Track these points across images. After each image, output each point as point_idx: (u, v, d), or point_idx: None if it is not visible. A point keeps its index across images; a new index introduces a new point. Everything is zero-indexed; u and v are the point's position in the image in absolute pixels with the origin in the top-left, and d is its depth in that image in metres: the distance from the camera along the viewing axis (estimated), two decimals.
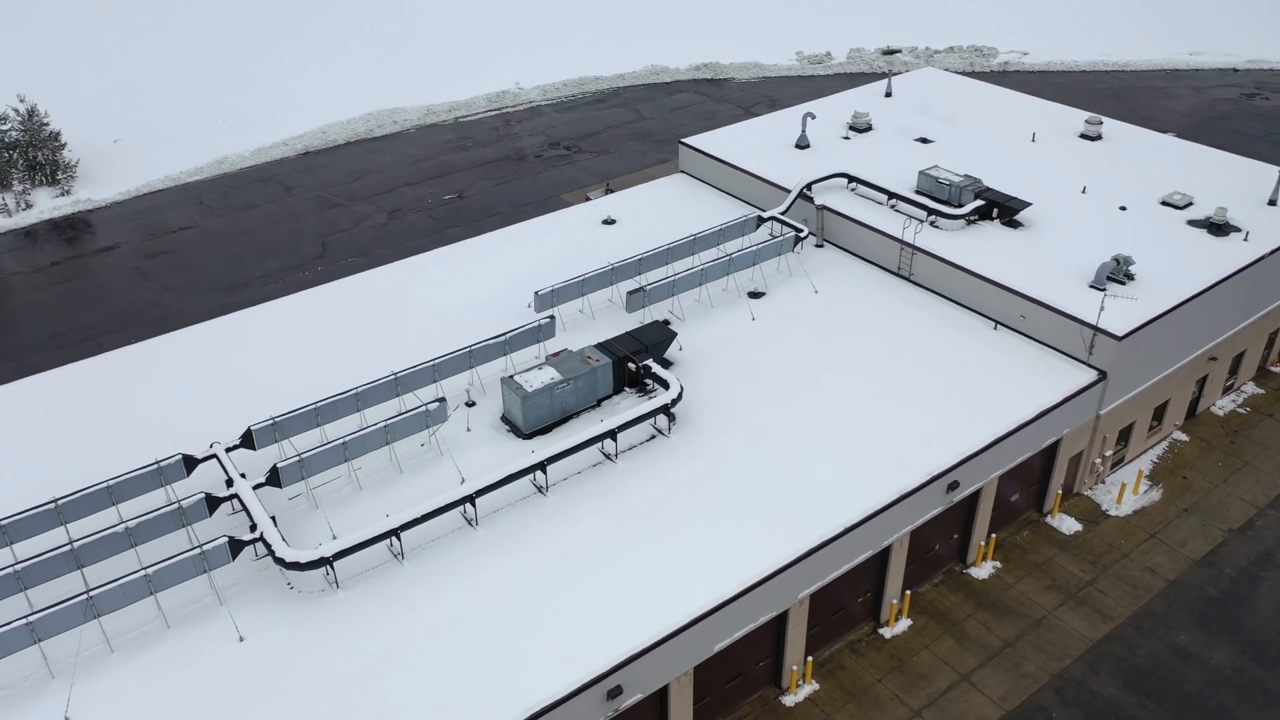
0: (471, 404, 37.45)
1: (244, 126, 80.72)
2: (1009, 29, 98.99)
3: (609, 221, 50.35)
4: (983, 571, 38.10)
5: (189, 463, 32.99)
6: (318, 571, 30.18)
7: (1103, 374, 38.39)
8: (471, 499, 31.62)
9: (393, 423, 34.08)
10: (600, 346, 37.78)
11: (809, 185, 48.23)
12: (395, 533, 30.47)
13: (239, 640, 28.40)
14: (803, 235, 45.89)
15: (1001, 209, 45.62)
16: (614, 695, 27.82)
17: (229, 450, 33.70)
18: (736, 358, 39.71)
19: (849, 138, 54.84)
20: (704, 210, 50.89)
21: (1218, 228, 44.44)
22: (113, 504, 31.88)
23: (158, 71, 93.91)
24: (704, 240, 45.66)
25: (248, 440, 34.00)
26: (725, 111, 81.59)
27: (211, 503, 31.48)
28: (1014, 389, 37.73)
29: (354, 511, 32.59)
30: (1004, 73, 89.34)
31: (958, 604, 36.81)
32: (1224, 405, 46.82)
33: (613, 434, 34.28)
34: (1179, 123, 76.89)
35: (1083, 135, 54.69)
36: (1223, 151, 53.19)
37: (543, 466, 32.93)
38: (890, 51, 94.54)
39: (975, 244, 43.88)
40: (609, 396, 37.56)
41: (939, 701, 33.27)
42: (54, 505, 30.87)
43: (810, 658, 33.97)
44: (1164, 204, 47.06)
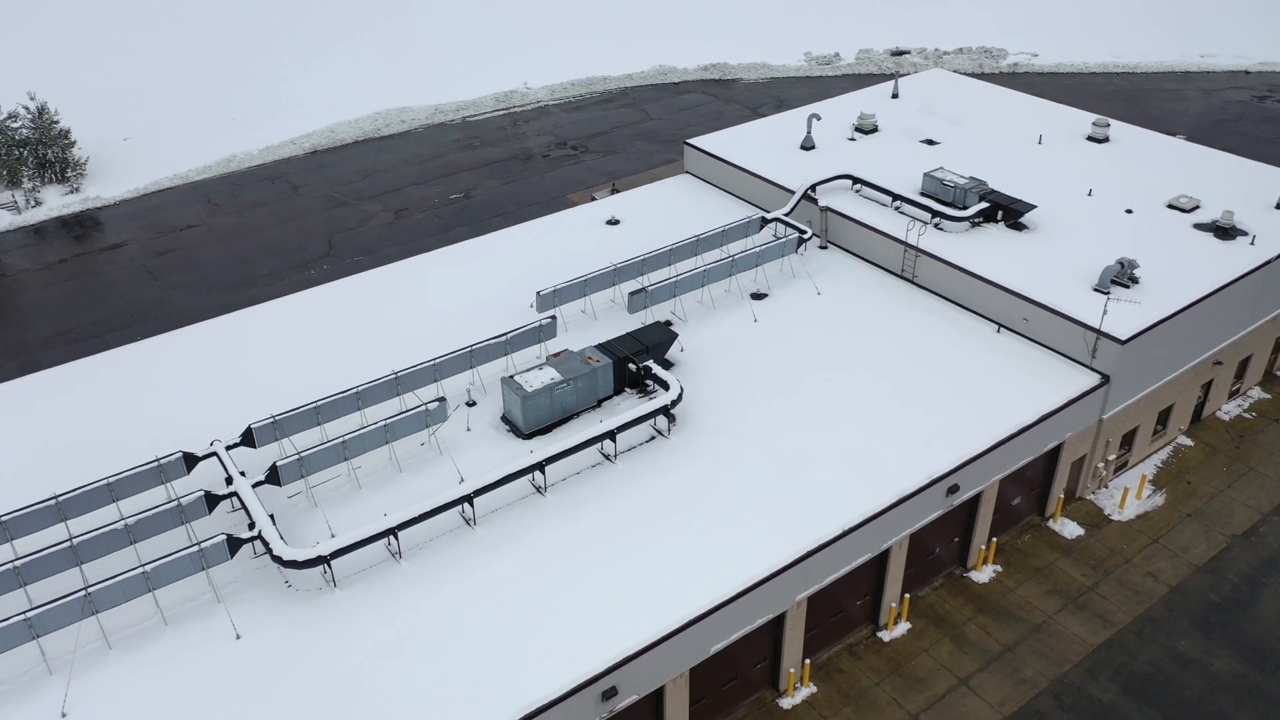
0: (472, 404, 37.50)
1: (252, 125, 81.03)
2: (1019, 30, 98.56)
3: (613, 222, 50.33)
4: (983, 575, 37.95)
5: (189, 460, 33.13)
6: (315, 570, 30.27)
7: (1106, 378, 38.19)
8: (469, 499, 31.66)
9: (392, 422, 34.15)
10: (601, 347, 37.76)
11: (813, 186, 48.12)
12: (393, 532, 30.53)
13: (236, 638, 28.50)
14: (806, 237, 45.78)
15: (1006, 211, 45.42)
16: (609, 696, 27.81)
17: (229, 448, 33.82)
18: (738, 359, 39.64)
19: (854, 139, 54.69)
20: (708, 211, 50.82)
21: (1224, 231, 44.15)
22: (113, 501, 32.04)
23: (167, 70, 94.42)
24: (707, 241, 45.60)
25: (248, 438, 34.11)
26: (733, 112, 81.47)
27: (211, 500, 31.59)
28: (1016, 392, 37.57)
29: (353, 510, 32.67)
30: (1013, 74, 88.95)
31: (957, 608, 36.68)
32: (1229, 410, 46.51)
33: (612, 435, 34.27)
34: (1189, 125, 76.46)
35: (1090, 138, 54.43)
36: (1231, 155, 52.84)
37: (541, 467, 32.95)
38: (899, 53, 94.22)
39: (979, 246, 43.71)
40: (609, 397, 37.54)
41: (937, 705, 33.15)
42: (54, 501, 31.06)
43: (808, 660, 33.89)
44: (1170, 207, 46.78)
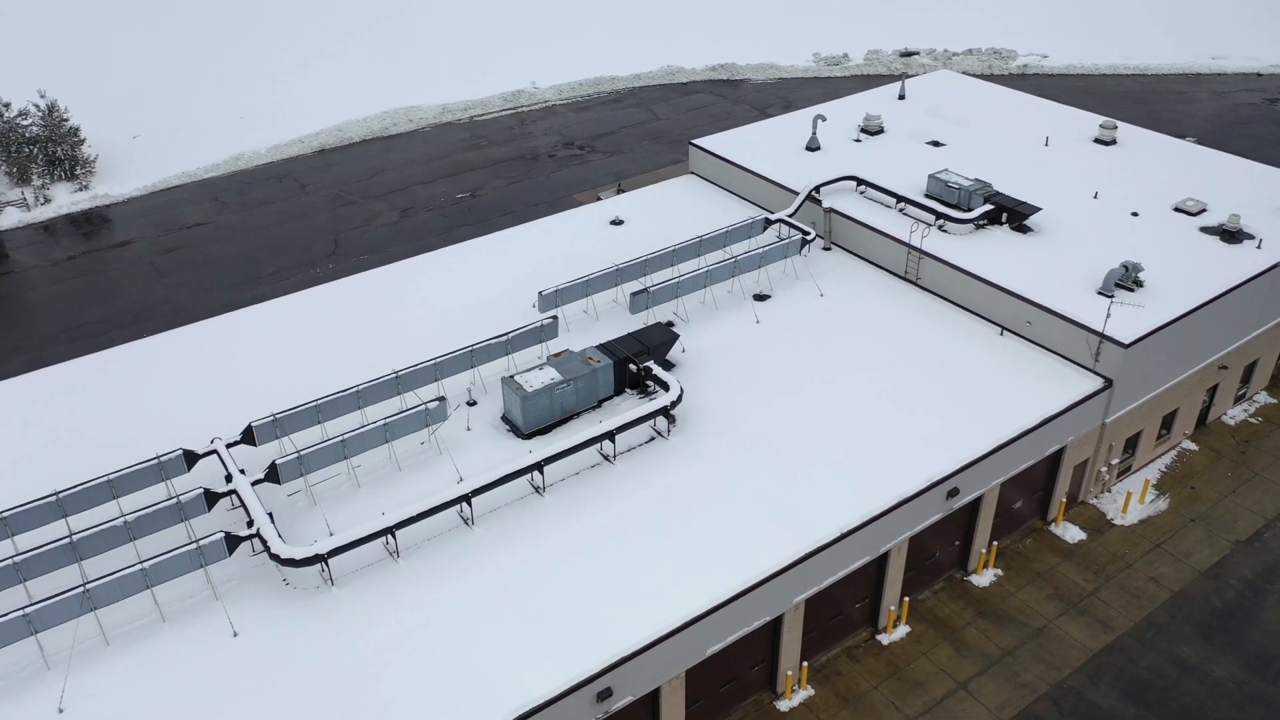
0: (473, 403, 37.53)
1: (261, 124, 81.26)
2: (1029, 32, 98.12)
3: (617, 222, 50.31)
4: (984, 579, 37.80)
5: (190, 458, 33.23)
6: (313, 568, 30.33)
7: (1109, 382, 38.00)
8: (468, 498, 31.68)
9: (392, 421, 34.19)
10: (602, 347, 37.75)
11: (817, 188, 47.99)
12: (390, 531, 30.57)
13: (233, 635, 28.59)
14: (810, 238, 45.66)
15: (1011, 213, 45.23)
16: (604, 697, 27.80)
17: (230, 446, 33.91)
18: (739, 360, 39.58)
19: (860, 140, 54.54)
20: (712, 212, 50.76)
21: (1231, 235, 43.86)
22: (113, 498, 32.17)
23: (177, 68, 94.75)
24: (710, 242, 45.54)
25: (248, 436, 34.20)
26: (740, 112, 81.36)
27: (210, 498, 31.70)
28: (1018, 395, 37.42)
29: (352, 509, 32.74)
30: (1023, 75, 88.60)
31: (957, 611, 36.54)
32: (1235, 415, 46.22)
33: (611, 435, 34.25)
34: (1200, 127, 76.01)
35: (1097, 140, 54.15)
36: (1239, 157, 52.53)
37: (540, 467, 32.95)
38: (908, 53, 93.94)
39: (983, 249, 43.53)
40: (610, 398, 37.54)
41: (935, 709, 33.02)
42: (55, 498, 31.21)
43: (806, 663, 33.82)
44: (1177, 210, 46.51)
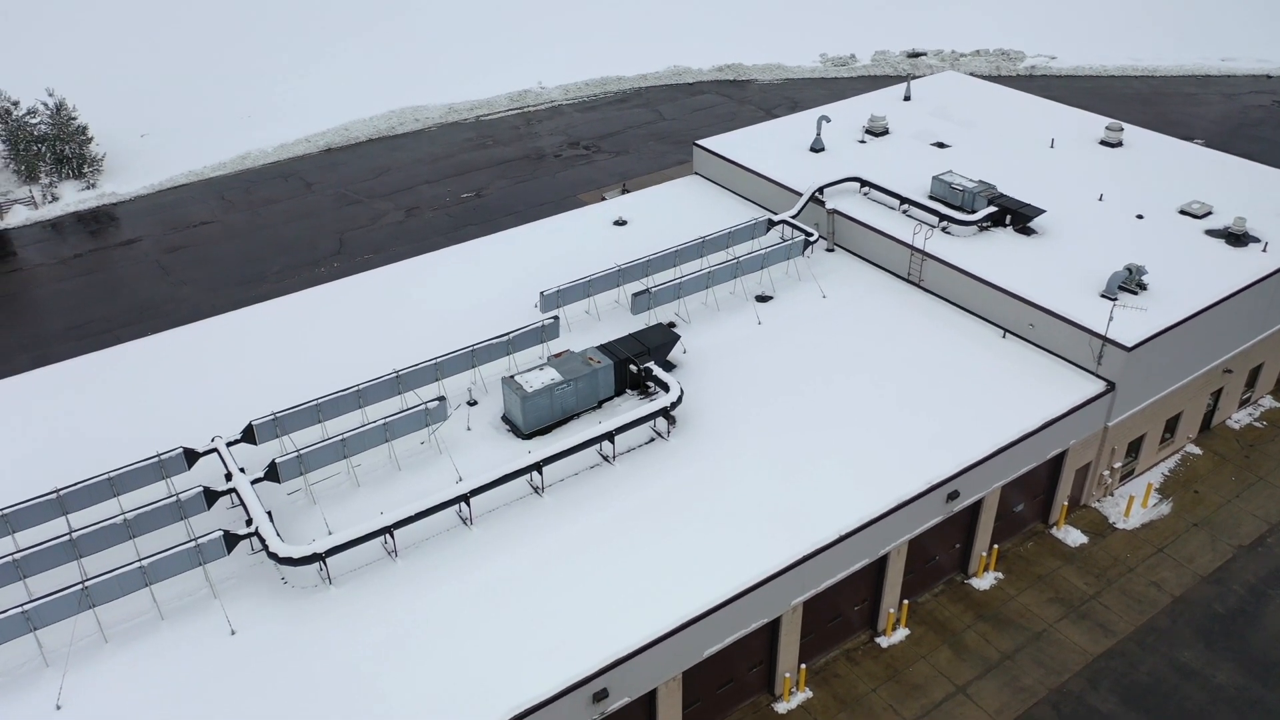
0: (473, 403, 37.56)
1: (268, 123, 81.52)
2: (1037, 33, 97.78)
3: (620, 222, 50.29)
4: (984, 582, 37.67)
5: (190, 456, 33.34)
6: (311, 567, 30.38)
7: (1111, 385, 37.83)
8: (466, 498, 31.70)
9: (392, 420, 34.23)
10: (602, 348, 37.73)
11: (821, 189, 47.90)
12: (388, 530, 30.60)
13: (230, 633, 28.67)
14: (812, 239, 45.56)
15: (1014, 215, 45.07)
16: (600, 698, 27.78)
17: (230, 445, 34.00)
18: (740, 361, 39.52)
19: (864, 142, 54.42)
20: (716, 212, 50.70)
21: (1236, 238, 43.64)
22: (114, 495, 32.30)
23: (184, 67, 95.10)
24: (712, 243, 45.48)
25: (249, 435, 34.29)
26: (746, 113, 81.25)
27: (210, 496, 31.80)
28: (1019, 399, 37.27)
29: (351, 508, 32.80)
30: (1030, 77, 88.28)
31: (957, 614, 36.42)
32: (1240, 419, 45.98)
33: (610, 436, 34.24)
34: (1209, 130, 75.67)
35: (1103, 142, 53.93)
36: (1246, 160, 52.28)
37: (538, 467, 32.95)
38: (915, 54, 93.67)
39: (986, 251, 43.39)
40: (610, 398, 37.53)
41: (933, 713, 32.92)
42: (56, 495, 31.33)
43: (804, 665, 33.76)
44: (1182, 213, 46.28)
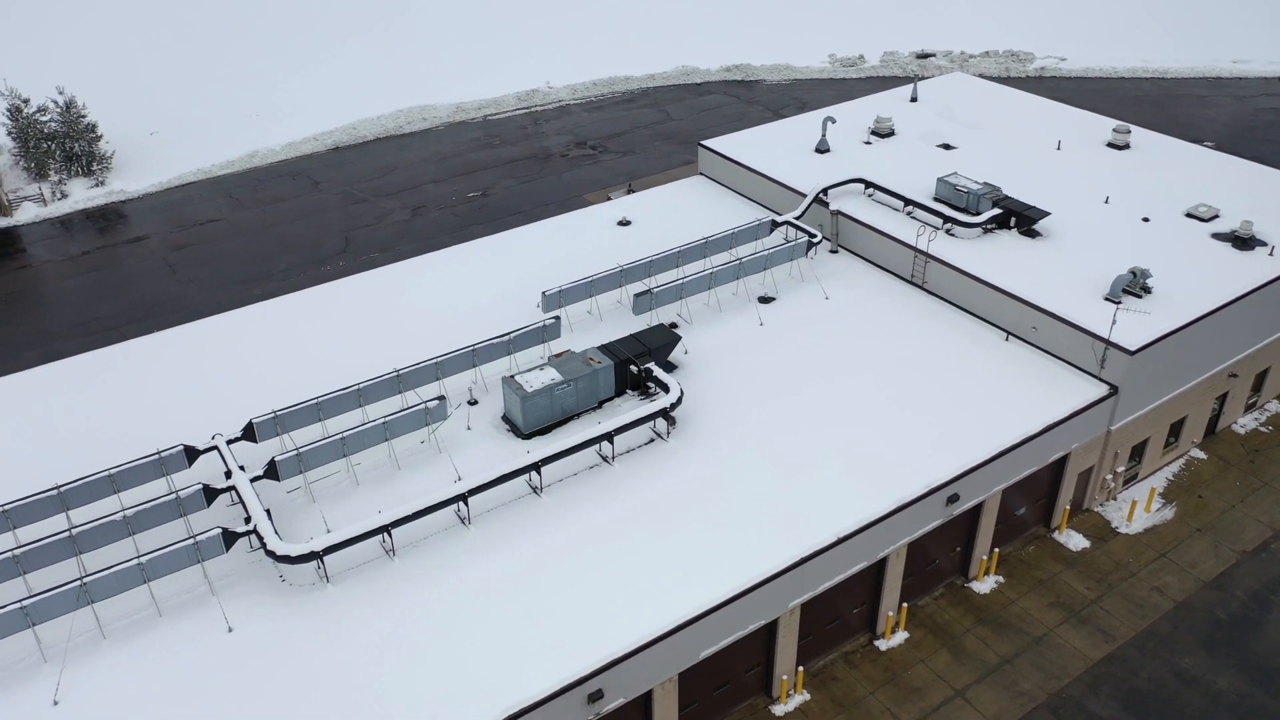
0: (474, 403, 37.59)
1: (276, 121, 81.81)
2: (1047, 34, 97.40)
3: (624, 223, 50.27)
4: (984, 586, 37.52)
5: (190, 454, 33.46)
6: (309, 565, 30.46)
7: (1114, 389, 37.62)
8: (464, 498, 31.73)
9: (392, 419, 34.29)
10: (603, 348, 37.72)
11: (825, 190, 47.80)
12: (386, 529, 30.65)
13: (228, 631, 28.75)
14: (816, 240, 45.45)
15: (1019, 218, 44.88)
16: (595, 699, 27.77)
17: (230, 442, 34.09)
18: (741, 362, 39.45)
19: (870, 143, 54.28)
20: (720, 213, 50.64)
21: (1243, 241, 43.35)
22: (114, 492, 32.44)
23: (193, 65, 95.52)
24: (716, 243, 45.40)
25: (249, 433, 34.39)
26: (754, 113, 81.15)
27: (209, 494, 31.91)
28: (1021, 402, 37.10)
29: (350, 506, 32.86)
30: (1040, 78, 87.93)
31: (957, 618, 36.28)
32: (1245, 423, 45.68)
33: (609, 436, 34.22)
34: (1219, 132, 75.24)
35: (1110, 144, 53.66)
36: (1255, 163, 51.93)
37: (537, 467, 32.95)
38: (924, 55, 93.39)
39: (990, 253, 43.22)
40: (611, 399, 37.51)
41: (931, 717, 32.78)
42: (56, 491, 31.48)
43: (802, 668, 33.68)
44: (1189, 216, 46.01)
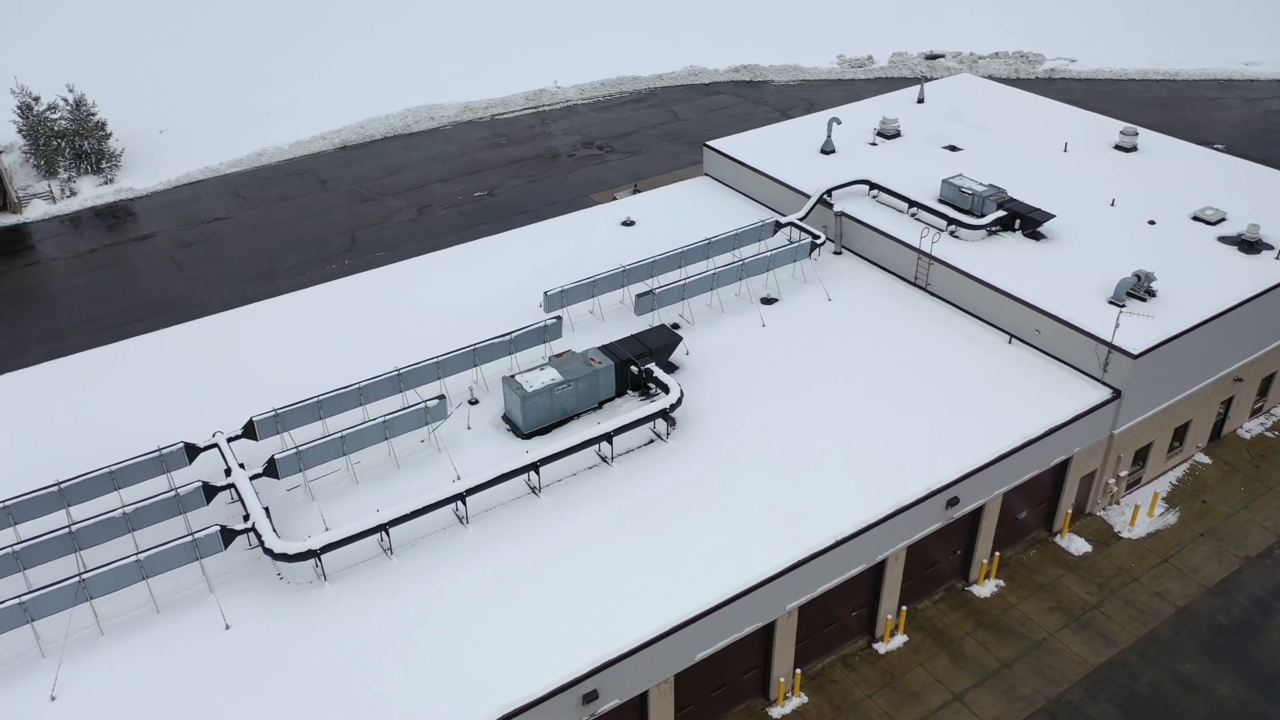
0: (474, 402, 37.63)
1: (284, 119, 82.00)
2: (1057, 35, 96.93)
3: (628, 223, 50.24)
4: (985, 590, 37.37)
5: (191, 451, 33.58)
6: (307, 563, 30.53)
7: (1117, 393, 37.43)
8: (462, 497, 31.76)
9: (392, 418, 34.35)
10: (604, 349, 37.71)
11: (829, 191, 47.67)
12: (384, 528, 30.71)
13: (225, 628, 28.84)
14: (819, 242, 45.34)
15: (1024, 220, 44.68)
16: (590, 699, 27.76)
17: (231, 440, 34.21)
18: (742, 363, 39.38)
19: (876, 144, 54.13)
20: (724, 214, 50.57)
21: (1249, 245, 43.08)
22: (115, 489, 32.58)
23: (202, 63, 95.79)
24: (719, 244, 45.35)
25: (250, 431, 34.50)
26: (761, 114, 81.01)
27: (209, 491, 32.03)
28: (1023, 405, 36.94)
29: (349, 505, 32.93)
30: (1049, 80, 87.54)
31: (956, 622, 36.14)
32: (1251, 428, 45.39)
33: (609, 437, 34.20)
34: (1229, 135, 74.79)
35: (1117, 146, 53.39)
36: (1263, 166, 51.59)
37: (536, 467, 32.96)
38: (933, 56, 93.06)
39: (994, 255, 43.05)
40: (611, 399, 37.50)
41: None
42: (57, 488, 31.64)
43: (800, 670, 33.60)
44: (1195, 219, 45.74)
